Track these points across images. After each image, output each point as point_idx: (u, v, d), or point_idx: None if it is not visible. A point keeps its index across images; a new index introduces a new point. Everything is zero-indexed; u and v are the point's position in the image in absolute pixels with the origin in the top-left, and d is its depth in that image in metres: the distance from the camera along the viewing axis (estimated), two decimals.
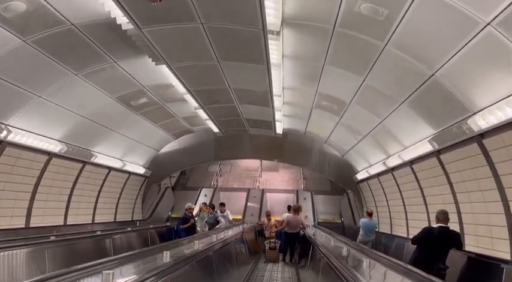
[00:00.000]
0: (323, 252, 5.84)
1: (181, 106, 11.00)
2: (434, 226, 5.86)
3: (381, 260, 4.92)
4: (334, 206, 18.07)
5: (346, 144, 12.82)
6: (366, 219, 10.78)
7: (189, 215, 11.26)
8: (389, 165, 10.04)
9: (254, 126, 13.43)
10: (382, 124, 8.85)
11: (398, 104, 7.40)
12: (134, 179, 14.40)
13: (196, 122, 13.17)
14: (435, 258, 5.50)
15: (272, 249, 11.00)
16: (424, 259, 5.48)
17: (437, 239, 5.62)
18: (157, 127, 12.62)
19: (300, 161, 15.52)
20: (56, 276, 2.70)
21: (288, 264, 10.86)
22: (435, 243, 5.59)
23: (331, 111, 10.13)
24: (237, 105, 10.64)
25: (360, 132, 10.48)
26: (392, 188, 10.67)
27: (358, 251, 6.25)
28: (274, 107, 10.41)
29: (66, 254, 6.57)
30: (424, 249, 5.68)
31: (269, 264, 10.66)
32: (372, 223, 10.77)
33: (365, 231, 10.61)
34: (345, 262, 4.46)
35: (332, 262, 4.73)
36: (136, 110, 10.53)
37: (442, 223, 5.75)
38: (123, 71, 8.06)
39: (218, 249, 5.88)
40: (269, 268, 10.11)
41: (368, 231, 10.62)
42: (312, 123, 12.33)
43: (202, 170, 21.90)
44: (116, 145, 11.90)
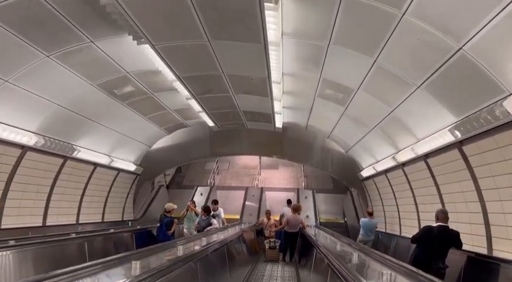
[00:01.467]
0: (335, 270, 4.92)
1: (172, 96, 10.08)
2: (434, 225, 5.79)
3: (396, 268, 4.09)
4: (336, 205, 17.20)
5: (350, 139, 11.91)
6: (366, 219, 10.73)
7: (170, 217, 9.74)
8: (400, 160, 9.13)
9: (252, 120, 12.52)
10: (392, 114, 7.94)
11: (413, 88, 6.49)
12: (124, 177, 13.50)
13: (189, 115, 12.25)
14: (435, 257, 5.48)
15: (272, 248, 11.01)
16: (423, 258, 5.46)
17: (437, 238, 5.58)
18: (148, 120, 11.71)
19: (300, 157, 14.61)
20: None
21: (288, 264, 10.36)
22: (435, 243, 5.56)
23: (335, 100, 9.21)
24: (232, 95, 9.72)
25: (367, 124, 9.57)
26: (402, 186, 9.75)
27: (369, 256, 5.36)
28: (273, 97, 9.49)
29: (21, 262, 5.62)
30: (424, 249, 5.67)
31: (268, 264, 10.19)
32: (372, 223, 10.66)
33: (365, 230, 10.56)
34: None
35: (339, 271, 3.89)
36: (122, 100, 9.61)
37: (441, 222, 5.71)
38: (103, 52, 7.14)
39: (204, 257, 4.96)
40: (269, 268, 9.62)
41: (368, 231, 10.55)
42: (314, 116, 11.41)
43: (198, 168, 21.09)
44: (101, 139, 10.99)
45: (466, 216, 6.66)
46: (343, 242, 7.38)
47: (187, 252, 4.45)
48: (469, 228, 6.57)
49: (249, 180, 20.06)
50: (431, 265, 5.30)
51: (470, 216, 6.53)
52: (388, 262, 4.46)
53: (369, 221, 10.67)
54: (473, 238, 6.44)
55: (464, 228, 6.61)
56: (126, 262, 3.39)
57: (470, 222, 6.54)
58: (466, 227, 6.60)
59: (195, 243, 5.65)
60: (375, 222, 10.83)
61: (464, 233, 6.74)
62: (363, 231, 10.60)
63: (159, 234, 9.74)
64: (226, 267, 6.51)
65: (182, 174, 20.60)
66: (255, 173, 20.53)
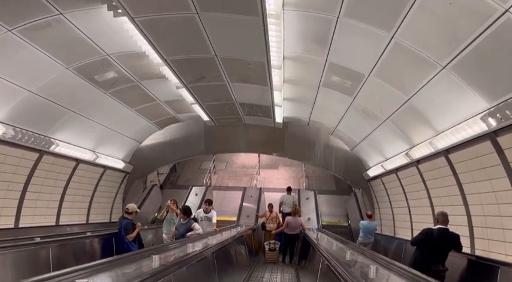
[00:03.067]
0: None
1: (161, 85, 9.10)
2: (434, 228, 5.82)
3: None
4: (339, 207, 16.21)
5: (357, 135, 10.92)
6: (366, 221, 10.76)
7: (130, 220, 7.42)
8: (414, 157, 8.14)
9: (250, 114, 11.53)
10: (408, 103, 6.96)
11: (437, 69, 5.51)
12: (112, 175, 12.52)
13: (182, 108, 11.28)
14: (435, 259, 5.47)
15: (272, 250, 10.99)
16: (423, 261, 5.45)
17: (437, 240, 5.58)
18: (136, 113, 10.73)
19: (302, 155, 13.61)
20: None
21: (289, 270, 9.58)
22: (435, 245, 5.56)
23: (342, 90, 8.24)
24: (227, 83, 8.74)
25: (377, 117, 8.59)
26: (416, 185, 8.76)
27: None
28: (272, 86, 8.51)
29: None
30: (424, 251, 5.65)
31: (267, 271, 9.45)
32: (372, 225, 10.71)
33: (365, 233, 10.57)
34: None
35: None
36: (105, 88, 8.64)
37: (441, 225, 5.73)
38: (75, 28, 6.16)
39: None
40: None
41: (368, 233, 10.57)
42: (317, 110, 10.44)
43: (195, 167, 20.16)
44: (84, 133, 10.02)
45: (498, 221, 5.68)
46: (352, 249, 6.39)
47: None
48: (501, 235, 5.59)
49: (248, 181, 19.12)
50: (431, 268, 5.31)
51: (503, 221, 5.54)
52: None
53: (368, 223, 10.69)
54: (507, 246, 5.45)
55: (497, 235, 5.63)
56: None
57: (504, 228, 5.56)
58: (498, 233, 5.62)
59: (166, 255, 4.61)
60: (374, 224, 10.86)
61: (494, 241, 5.78)
62: (362, 233, 10.62)
63: (117, 242, 7.54)
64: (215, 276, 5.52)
65: (177, 173, 19.63)
66: (254, 173, 19.58)
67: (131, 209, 7.52)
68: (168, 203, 8.87)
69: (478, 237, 6.28)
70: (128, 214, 7.48)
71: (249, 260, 10.77)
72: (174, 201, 9.02)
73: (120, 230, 7.35)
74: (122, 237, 7.28)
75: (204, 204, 9.01)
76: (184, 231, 7.62)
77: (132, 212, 7.49)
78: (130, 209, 7.50)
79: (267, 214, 12.63)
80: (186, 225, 7.68)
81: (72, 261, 6.12)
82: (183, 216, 7.79)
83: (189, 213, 7.87)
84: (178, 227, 7.85)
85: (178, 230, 7.79)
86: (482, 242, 6.19)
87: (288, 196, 13.14)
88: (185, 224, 7.70)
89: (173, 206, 8.81)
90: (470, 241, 6.48)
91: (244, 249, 10.08)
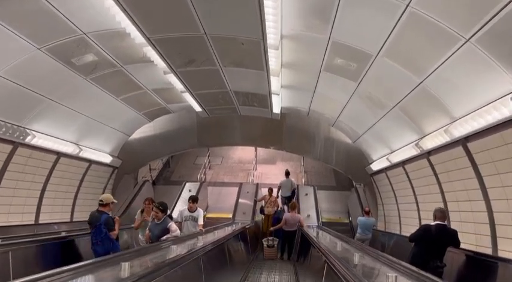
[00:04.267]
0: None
1: (147, 70, 8.30)
2: (432, 224, 5.79)
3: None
4: (340, 204, 15.48)
5: (360, 125, 10.18)
6: (363, 218, 10.80)
7: (107, 214, 6.22)
8: (425, 148, 7.40)
9: (245, 104, 10.76)
10: (421, 86, 6.20)
11: (459, 43, 4.76)
12: (98, 170, 11.74)
13: (172, 97, 10.49)
14: (433, 256, 5.49)
15: (270, 247, 10.96)
16: (421, 257, 5.45)
17: (435, 237, 5.60)
18: (122, 102, 9.92)
19: (301, 148, 12.90)
20: None
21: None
22: (433, 241, 5.58)
23: (346, 74, 7.48)
24: (219, 68, 7.96)
25: (384, 104, 7.84)
26: (426, 179, 8.04)
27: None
28: (269, 70, 7.74)
29: None
30: (422, 247, 5.65)
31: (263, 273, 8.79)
32: (369, 221, 10.77)
33: (362, 229, 10.62)
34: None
35: None
36: (85, 73, 7.84)
37: (439, 221, 5.73)
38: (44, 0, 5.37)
39: None
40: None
41: (365, 229, 10.62)
42: (318, 98, 9.68)
43: (189, 163, 19.41)
44: (65, 124, 9.23)
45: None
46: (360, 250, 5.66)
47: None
48: None
49: (244, 176, 18.40)
50: (429, 264, 5.30)
51: None
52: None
53: (366, 219, 10.74)
54: None
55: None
56: None
57: None
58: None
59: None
60: (371, 220, 10.93)
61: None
62: (360, 230, 10.68)
63: (97, 243, 6.02)
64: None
65: (171, 169, 18.88)
66: (251, 168, 18.85)
67: (106, 199, 6.32)
68: (145, 203, 7.48)
69: (502, 237, 5.56)
70: (103, 207, 6.26)
71: (245, 259, 10.07)
72: (150, 200, 7.53)
73: (99, 227, 6.04)
74: (105, 235, 6.02)
75: (189, 201, 7.94)
76: (160, 233, 6.39)
77: (107, 204, 6.29)
78: (105, 200, 6.29)
79: (266, 197, 12.59)
80: (161, 225, 6.44)
81: (40, 267, 5.36)
82: (157, 215, 6.50)
83: (166, 210, 6.62)
84: (152, 228, 6.55)
85: (152, 231, 6.51)
86: (506, 242, 5.46)
87: (286, 180, 13.30)
88: (160, 225, 6.45)
89: (149, 208, 7.31)
90: (491, 240, 5.76)
91: (240, 247, 9.35)
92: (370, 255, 5.12)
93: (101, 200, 6.35)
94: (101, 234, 6.01)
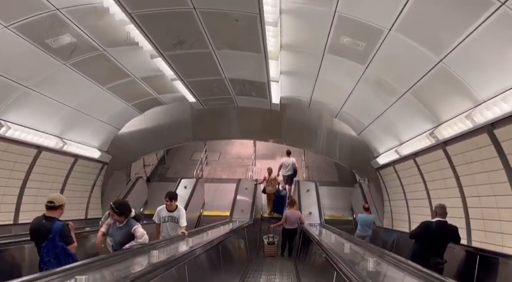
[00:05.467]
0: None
1: (132, 54, 7.53)
2: (433, 220, 5.82)
3: None
4: (343, 200, 14.77)
5: (366, 116, 9.43)
6: (363, 214, 10.76)
7: (59, 220, 4.61)
8: (442, 137, 6.65)
9: (242, 93, 10.00)
10: (441, 65, 5.44)
11: (494, 6, 3.99)
12: (86, 165, 11.00)
13: (163, 87, 9.72)
14: (433, 252, 5.50)
15: (270, 244, 10.99)
16: (422, 254, 5.45)
17: (436, 233, 5.60)
18: (109, 92, 9.15)
19: (302, 141, 12.16)
20: None
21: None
22: (433, 238, 5.58)
23: (353, 55, 6.72)
24: (212, 51, 7.19)
25: (394, 89, 7.08)
26: (441, 173, 7.30)
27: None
28: (267, 53, 6.97)
29: None
30: (422, 244, 5.65)
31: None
32: (369, 218, 10.71)
33: (362, 226, 10.58)
34: None
35: None
36: (63, 57, 7.07)
37: (440, 217, 5.74)
38: None
39: None
40: None
41: (365, 226, 10.57)
42: (320, 86, 8.92)
43: (185, 159, 18.69)
44: (46, 115, 8.48)
45: None
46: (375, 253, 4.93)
47: None
48: None
49: (243, 172, 17.69)
50: (429, 260, 5.30)
51: None
52: None
53: (366, 216, 10.67)
54: None
55: None
56: None
57: None
58: None
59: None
60: (371, 217, 10.87)
61: None
62: (360, 226, 10.64)
63: (49, 261, 4.37)
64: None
65: (166, 165, 18.15)
66: (249, 164, 18.13)
67: (58, 201, 4.66)
68: (112, 206, 5.23)
69: None
70: (53, 210, 4.60)
71: (244, 259, 9.36)
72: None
73: (51, 239, 4.40)
74: (61, 250, 4.42)
75: (165, 199, 6.56)
76: (123, 238, 4.97)
77: (59, 206, 4.65)
78: (56, 202, 4.63)
79: (266, 177, 13.32)
80: (124, 230, 5.02)
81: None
82: (117, 218, 5.03)
83: (126, 212, 5.05)
84: (113, 233, 5.12)
85: (113, 237, 5.10)
86: None
87: (287, 159, 13.77)
88: (122, 229, 5.03)
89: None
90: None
91: (236, 248, 8.63)
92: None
93: (51, 202, 4.64)
94: (56, 249, 4.40)
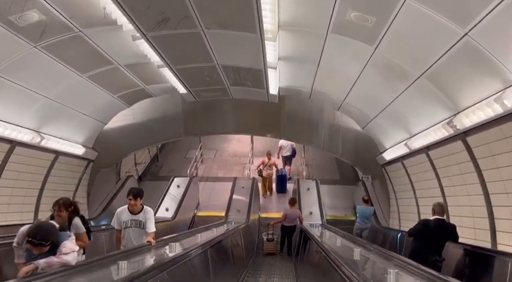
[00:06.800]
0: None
1: (112, 36, 6.70)
2: (431, 218, 5.77)
3: None
4: (345, 199, 14.02)
5: (372, 106, 8.64)
6: (362, 206, 10.70)
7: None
8: (463, 126, 5.84)
9: (237, 83, 9.18)
10: (466, 40, 4.64)
11: None
12: (69, 163, 10.19)
13: (150, 76, 8.90)
14: (432, 250, 5.51)
15: (270, 241, 11.04)
16: (420, 252, 5.49)
17: (434, 231, 5.61)
18: (90, 82, 8.30)
19: (302, 136, 11.39)
20: None
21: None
22: (431, 236, 5.58)
23: (360, 34, 5.92)
24: (201, 30, 6.35)
25: (407, 73, 6.28)
26: (459, 167, 6.51)
27: None
28: (263, 32, 6.15)
29: None
30: (421, 242, 5.68)
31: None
32: (368, 210, 10.65)
33: (361, 218, 10.54)
34: None
35: None
36: (33, 39, 6.25)
37: (438, 215, 5.71)
38: None
39: None
40: None
41: (364, 218, 10.51)
42: (322, 74, 8.12)
43: (179, 157, 17.92)
44: (18, 106, 7.66)
45: None
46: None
47: None
48: None
49: (239, 170, 16.92)
50: (428, 258, 5.31)
51: None
52: None
53: (365, 207, 10.62)
54: None
55: None
56: None
57: None
58: None
59: None
60: (370, 209, 10.77)
61: None
62: (359, 219, 10.61)
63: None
64: None
65: (159, 163, 17.36)
66: (247, 162, 17.33)
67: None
68: (53, 212, 4.65)
69: None
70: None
71: (239, 264, 8.55)
72: (62, 205, 4.71)
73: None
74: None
75: (127, 197, 5.10)
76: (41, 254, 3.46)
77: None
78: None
79: (265, 161, 13.93)
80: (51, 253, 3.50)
81: None
82: (39, 250, 3.45)
83: (50, 239, 3.44)
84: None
85: (27, 254, 3.67)
86: None
87: (285, 141, 14.22)
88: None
89: (60, 212, 4.63)
90: None
91: (230, 252, 7.82)
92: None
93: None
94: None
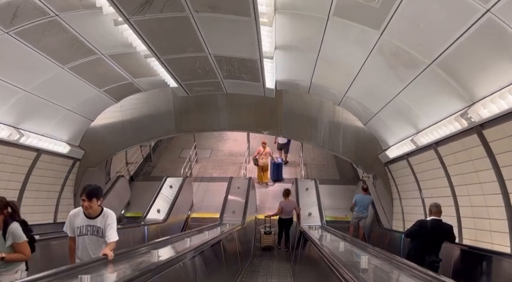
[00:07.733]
0: None
1: (93, 21, 6.11)
2: (428, 219, 5.87)
3: None
4: (345, 199, 13.44)
5: (376, 101, 8.07)
6: (361, 195, 10.65)
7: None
8: (479, 118, 5.27)
9: (231, 76, 8.60)
10: (487, 17, 4.07)
11: None
12: (53, 161, 9.57)
13: (138, 68, 8.31)
14: (429, 251, 5.53)
15: (267, 234, 11.12)
16: (417, 252, 5.54)
17: (431, 232, 5.62)
18: (72, 73, 7.69)
19: (301, 133, 10.79)
20: None
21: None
22: (428, 236, 5.60)
23: (366, 17, 5.35)
24: (190, 14, 5.74)
25: (417, 60, 5.70)
26: (473, 164, 5.93)
27: None
28: (258, 15, 5.57)
29: None
30: (418, 243, 5.72)
31: None
32: (367, 198, 10.62)
33: (359, 207, 10.52)
34: None
35: None
36: (4, 23, 5.65)
37: (435, 216, 5.77)
38: None
39: None
40: None
41: (362, 208, 10.52)
42: (322, 65, 7.54)
43: (173, 156, 17.43)
44: None
45: None
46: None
47: None
48: None
49: (235, 170, 16.40)
50: (425, 259, 5.36)
51: None
52: None
53: (363, 196, 10.59)
54: None
55: None
56: None
57: None
58: None
59: None
60: (369, 197, 10.75)
61: None
62: (357, 207, 10.56)
63: None
64: None
65: (152, 163, 16.80)
66: (243, 161, 16.78)
67: None
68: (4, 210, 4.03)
69: None
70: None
71: (234, 269, 7.95)
72: (7, 203, 4.09)
73: None
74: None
75: (81, 197, 4.29)
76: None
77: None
78: None
79: (260, 150, 14.62)
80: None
81: None
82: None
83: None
84: None
85: None
86: None
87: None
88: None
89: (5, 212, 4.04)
90: None
91: (224, 256, 7.23)
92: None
93: None
94: None
